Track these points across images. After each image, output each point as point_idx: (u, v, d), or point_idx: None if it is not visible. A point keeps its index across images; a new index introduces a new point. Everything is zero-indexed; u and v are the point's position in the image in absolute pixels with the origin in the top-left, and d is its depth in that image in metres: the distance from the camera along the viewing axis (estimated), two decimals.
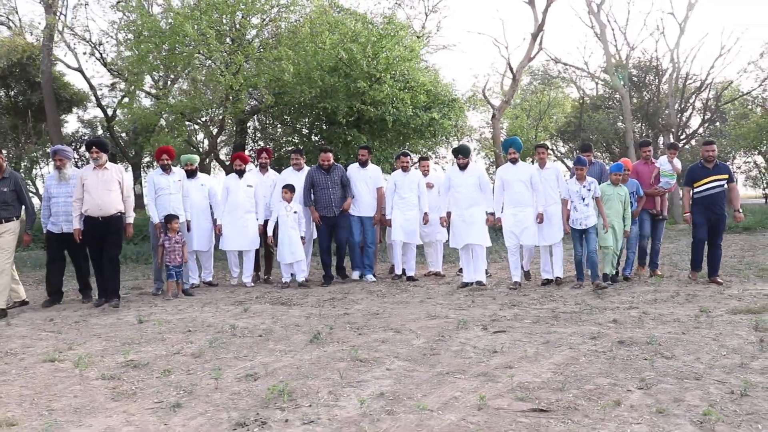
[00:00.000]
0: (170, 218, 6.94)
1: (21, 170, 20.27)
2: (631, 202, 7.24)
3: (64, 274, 6.94)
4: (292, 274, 7.57)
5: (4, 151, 6.58)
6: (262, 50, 10.54)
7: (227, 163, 14.97)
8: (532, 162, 7.27)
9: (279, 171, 8.47)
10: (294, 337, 4.81)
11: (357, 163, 8.14)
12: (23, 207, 6.49)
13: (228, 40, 10.98)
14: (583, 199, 6.85)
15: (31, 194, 18.11)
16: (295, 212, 7.44)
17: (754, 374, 3.51)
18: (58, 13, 14.14)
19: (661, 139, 25.00)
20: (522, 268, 7.44)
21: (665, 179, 7.58)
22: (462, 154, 7.21)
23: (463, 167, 7.19)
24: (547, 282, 7.30)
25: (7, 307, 6.24)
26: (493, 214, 7.12)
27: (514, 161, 7.17)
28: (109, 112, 19.02)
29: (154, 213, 7.16)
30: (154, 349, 4.53)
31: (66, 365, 4.14)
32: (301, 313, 5.78)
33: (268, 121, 16.34)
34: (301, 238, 7.48)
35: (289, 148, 14.60)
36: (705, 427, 2.75)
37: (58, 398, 3.44)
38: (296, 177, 7.88)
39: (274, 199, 7.75)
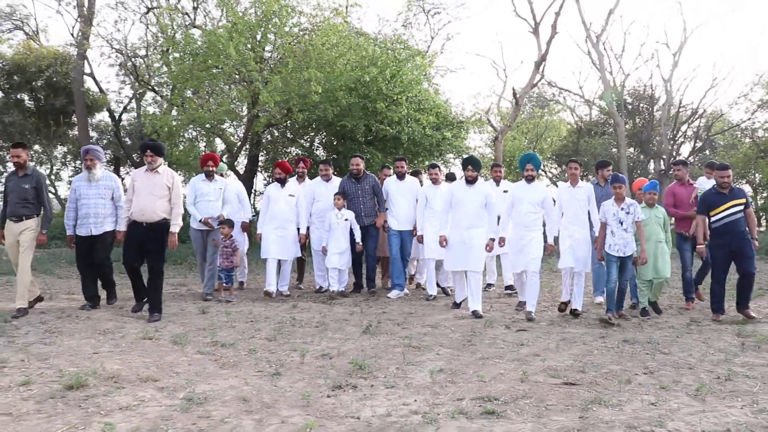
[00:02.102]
0: (225, 223, 7.36)
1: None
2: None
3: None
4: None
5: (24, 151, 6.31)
6: (291, 72, 11.39)
7: (242, 173, 15.88)
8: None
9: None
10: (347, 328, 5.62)
11: (395, 176, 8.05)
12: (42, 207, 6.32)
13: (259, 58, 11.86)
14: (621, 223, 6.16)
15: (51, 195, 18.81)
16: (347, 219, 7.63)
17: (736, 367, 4.37)
18: (93, 25, 14.93)
19: (651, 165, 26.23)
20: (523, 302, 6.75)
21: None
22: (472, 165, 6.69)
23: (471, 181, 6.69)
24: (564, 306, 6.62)
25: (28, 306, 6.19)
26: (493, 240, 6.56)
27: (530, 179, 6.59)
28: (116, 116, 19.81)
29: (195, 213, 7.34)
30: (230, 334, 5.31)
31: (163, 342, 4.93)
32: (344, 311, 6.59)
33: (277, 135, 17.23)
34: (357, 243, 7.67)
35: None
36: (698, 398, 3.61)
37: (176, 365, 4.22)
38: (324, 187, 8.00)
39: (315, 208, 8.07)
